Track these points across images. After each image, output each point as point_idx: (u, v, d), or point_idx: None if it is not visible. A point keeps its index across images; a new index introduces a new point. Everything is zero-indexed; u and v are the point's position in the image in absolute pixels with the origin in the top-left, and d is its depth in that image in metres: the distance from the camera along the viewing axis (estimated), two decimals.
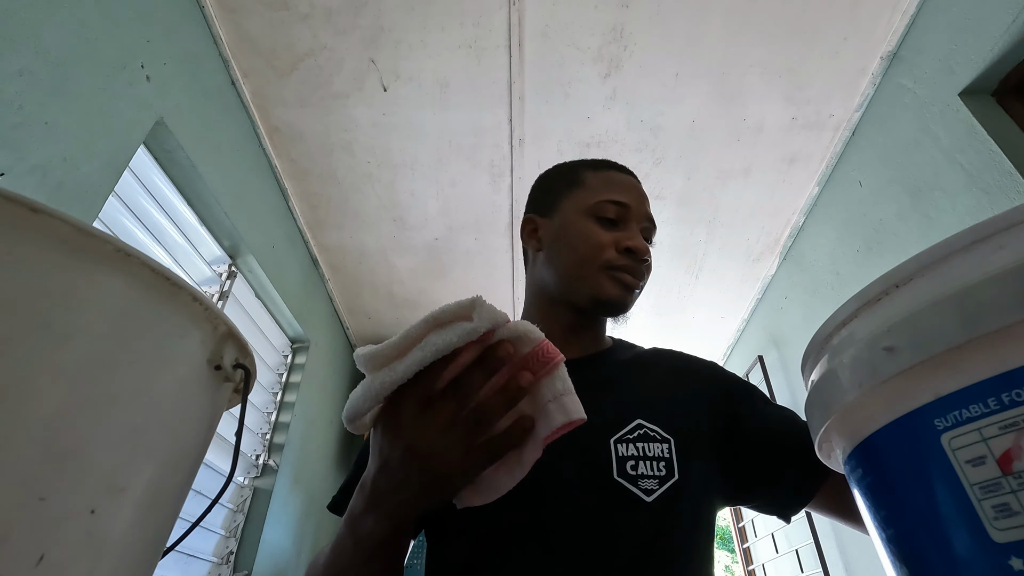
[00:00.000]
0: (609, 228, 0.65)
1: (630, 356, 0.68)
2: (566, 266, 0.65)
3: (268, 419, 1.94)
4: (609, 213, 0.65)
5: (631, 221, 0.66)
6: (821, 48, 1.45)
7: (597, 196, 0.66)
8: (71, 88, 0.96)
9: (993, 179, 1.16)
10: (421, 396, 0.37)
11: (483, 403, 0.36)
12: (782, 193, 1.87)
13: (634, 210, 0.66)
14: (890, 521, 0.22)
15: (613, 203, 0.65)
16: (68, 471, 0.22)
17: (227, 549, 1.67)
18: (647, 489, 0.52)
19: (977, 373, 0.19)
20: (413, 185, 1.86)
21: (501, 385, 0.37)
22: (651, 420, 0.56)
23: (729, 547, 8.62)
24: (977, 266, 0.21)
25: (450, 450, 0.36)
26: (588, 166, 0.72)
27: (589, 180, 0.69)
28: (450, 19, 1.41)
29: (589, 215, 0.65)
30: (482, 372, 0.36)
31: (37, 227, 0.23)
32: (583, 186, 0.69)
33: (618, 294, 0.63)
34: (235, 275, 1.67)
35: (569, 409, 0.37)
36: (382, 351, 0.37)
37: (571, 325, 0.67)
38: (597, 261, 0.63)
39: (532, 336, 0.37)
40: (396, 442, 0.37)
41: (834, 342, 0.28)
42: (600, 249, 0.63)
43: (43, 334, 0.22)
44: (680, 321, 2.52)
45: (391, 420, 0.38)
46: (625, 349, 0.71)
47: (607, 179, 0.69)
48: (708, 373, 0.66)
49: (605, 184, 0.68)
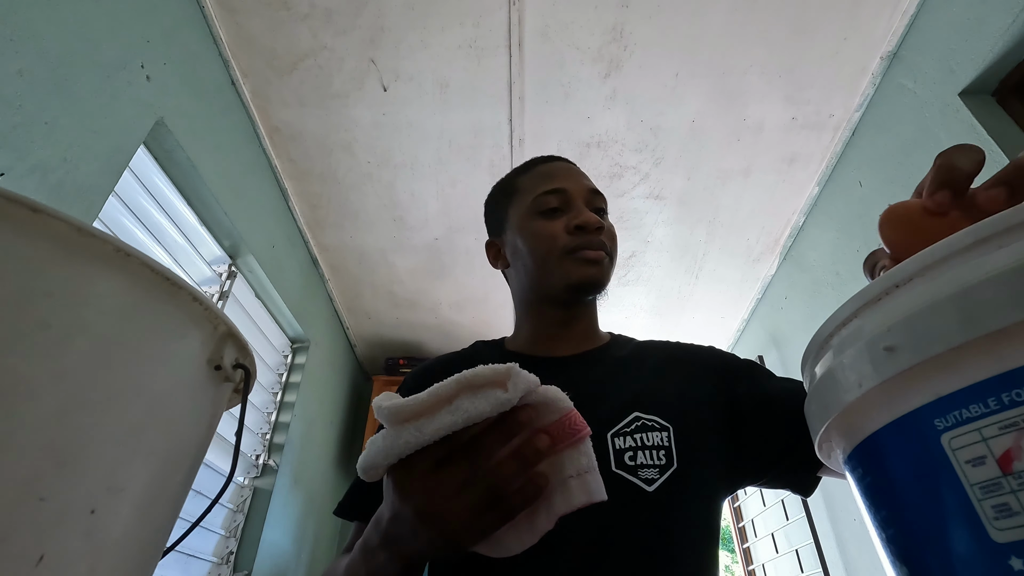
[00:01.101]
0: (555, 217, 0.66)
1: (626, 351, 0.68)
2: (532, 268, 0.67)
3: (268, 419, 1.94)
4: (550, 203, 0.67)
5: (574, 201, 0.67)
6: (821, 48, 1.45)
7: (533, 193, 0.68)
8: (71, 88, 0.96)
9: None
10: (435, 456, 0.36)
11: (497, 466, 0.35)
12: (782, 193, 1.87)
13: (572, 191, 0.68)
14: (890, 521, 0.22)
15: (549, 193, 0.67)
16: (68, 471, 0.22)
17: (227, 549, 1.67)
18: (648, 479, 0.51)
19: (977, 373, 0.19)
20: (413, 185, 1.86)
21: (517, 447, 0.35)
22: (648, 411, 0.56)
23: (729, 547, 8.62)
24: (977, 266, 0.21)
25: (460, 513, 0.35)
26: (518, 172, 0.75)
27: (522, 184, 0.71)
28: (450, 19, 1.41)
29: (533, 214, 0.67)
30: (500, 436, 0.35)
31: (37, 227, 0.23)
32: (519, 192, 0.71)
33: (586, 272, 0.64)
34: (235, 275, 1.67)
35: (591, 489, 0.36)
36: (408, 406, 0.35)
37: (559, 322, 0.68)
38: (556, 251, 0.64)
39: (560, 404, 0.36)
40: (406, 501, 0.36)
41: (834, 342, 0.28)
42: (553, 239, 0.65)
43: (43, 334, 0.22)
44: (680, 321, 2.52)
45: (403, 477, 0.37)
46: (622, 344, 0.71)
47: (537, 175, 0.71)
48: (705, 357, 0.66)
49: (537, 180, 0.70)
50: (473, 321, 2.58)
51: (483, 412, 0.34)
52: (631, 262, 2.19)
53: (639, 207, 1.94)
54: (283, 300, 1.87)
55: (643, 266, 2.21)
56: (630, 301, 2.41)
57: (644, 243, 2.09)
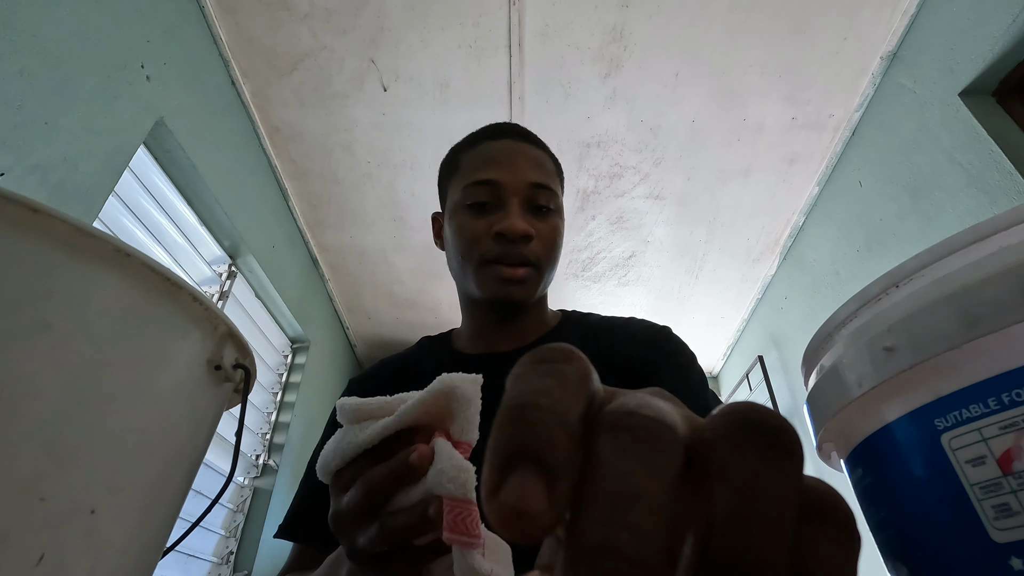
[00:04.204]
0: (481, 214, 0.57)
1: (578, 334, 0.62)
2: (455, 267, 0.61)
3: (268, 419, 1.94)
4: (479, 196, 0.57)
5: (507, 197, 0.57)
6: (821, 48, 1.45)
7: (466, 180, 0.59)
8: (71, 88, 0.96)
9: (993, 179, 1.16)
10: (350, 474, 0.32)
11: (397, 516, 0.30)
12: (782, 193, 1.87)
13: (506, 184, 0.57)
14: (890, 521, 0.22)
15: (480, 184, 0.57)
16: (68, 471, 0.22)
17: (227, 549, 1.67)
18: None
19: (977, 373, 0.19)
20: (413, 185, 1.86)
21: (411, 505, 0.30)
22: None
23: None
24: (977, 266, 0.21)
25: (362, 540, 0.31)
26: (465, 145, 0.64)
27: (463, 162, 0.61)
28: (450, 19, 1.41)
29: (462, 205, 0.59)
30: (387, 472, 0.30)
31: (37, 227, 0.23)
32: (459, 171, 0.62)
33: (498, 291, 0.56)
34: (235, 275, 1.67)
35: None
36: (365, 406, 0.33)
37: (497, 319, 0.61)
38: (473, 258, 0.57)
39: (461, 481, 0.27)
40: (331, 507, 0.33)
41: (834, 342, 0.28)
42: (474, 242, 0.57)
43: (43, 334, 0.22)
44: (680, 321, 2.52)
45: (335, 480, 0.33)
46: (574, 324, 0.64)
47: (478, 155, 0.60)
48: (643, 338, 0.60)
49: (475, 162, 0.60)
50: None
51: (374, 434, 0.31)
52: (631, 262, 2.19)
53: (639, 207, 1.94)
54: (283, 300, 1.87)
55: (643, 266, 2.21)
56: (630, 301, 2.41)
57: (644, 243, 2.09)
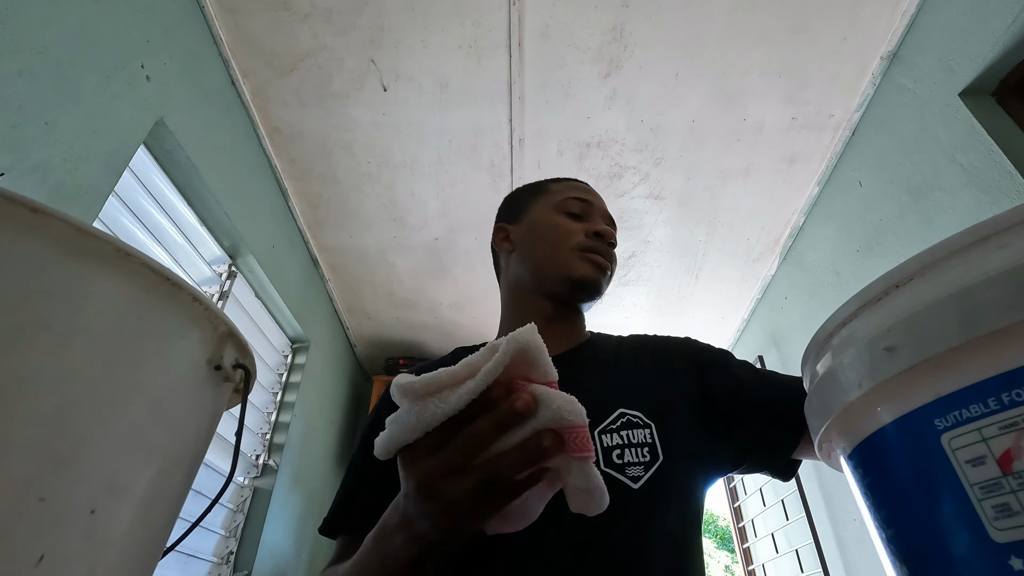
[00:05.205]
0: (576, 220, 0.71)
1: (609, 347, 0.70)
2: (539, 255, 0.70)
3: (268, 419, 1.94)
4: (574, 208, 0.72)
5: (595, 215, 0.73)
6: (821, 48, 1.45)
7: (562, 196, 0.74)
8: (71, 88, 0.96)
9: (993, 179, 1.16)
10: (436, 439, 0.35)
11: (499, 457, 0.35)
12: (782, 193, 1.87)
13: (596, 207, 0.73)
14: (890, 521, 0.22)
15: (577, 199, 0.73)
16: (68, 471, 0.22)
17: (227, 549, 1.67)
18: (634, 476, 0.52)
19: (977, 373, 0.19)
20: (413, 185, 1.86)
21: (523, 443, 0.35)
22: (632, 407, 0.57)
23: (729, 547, 8.59)
24: (977, 266, 0.21)
25: (457, 492, 0.34)
26: (551, 181, 0.80)
27: (552, 187, 0.77)
28: (450, 19, 1.41)
29: (557, 210, 0.72)
30: (492, 423, 0.35)
31: (37, 227, 0.23)
32: (547, 192, 0.76)
33: (591, 272, 0.67)
34: (235, 275, 1.67)
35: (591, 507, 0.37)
36: (431, 380, 0.35)
37: (548, 316, 0.69)
38: (568, 244, 0.68)
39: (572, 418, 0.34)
40: (410, 479, 0.36)
41: (834, 342, 0.28)
42: (571, 234, 0.69)
43: (43, 334, 0.22)
44: (680, 321, 2.52)
45: (408, 455, 0.37)
46: (603, 342, 0.72)
47: (568, 185, 0.77)
48: (680, 349, 0.68)
49: (568, 188, 0.76)
50: (473, 321, 2.58)
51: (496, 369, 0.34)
52: (631, 262, 2.19)
53: (639, 207, 1.94)
54: (283, 300, 1.87)
55: (643, 266, 2.21)
56: (630, 301, 2.41)
57: (644, 243, 2.09)
